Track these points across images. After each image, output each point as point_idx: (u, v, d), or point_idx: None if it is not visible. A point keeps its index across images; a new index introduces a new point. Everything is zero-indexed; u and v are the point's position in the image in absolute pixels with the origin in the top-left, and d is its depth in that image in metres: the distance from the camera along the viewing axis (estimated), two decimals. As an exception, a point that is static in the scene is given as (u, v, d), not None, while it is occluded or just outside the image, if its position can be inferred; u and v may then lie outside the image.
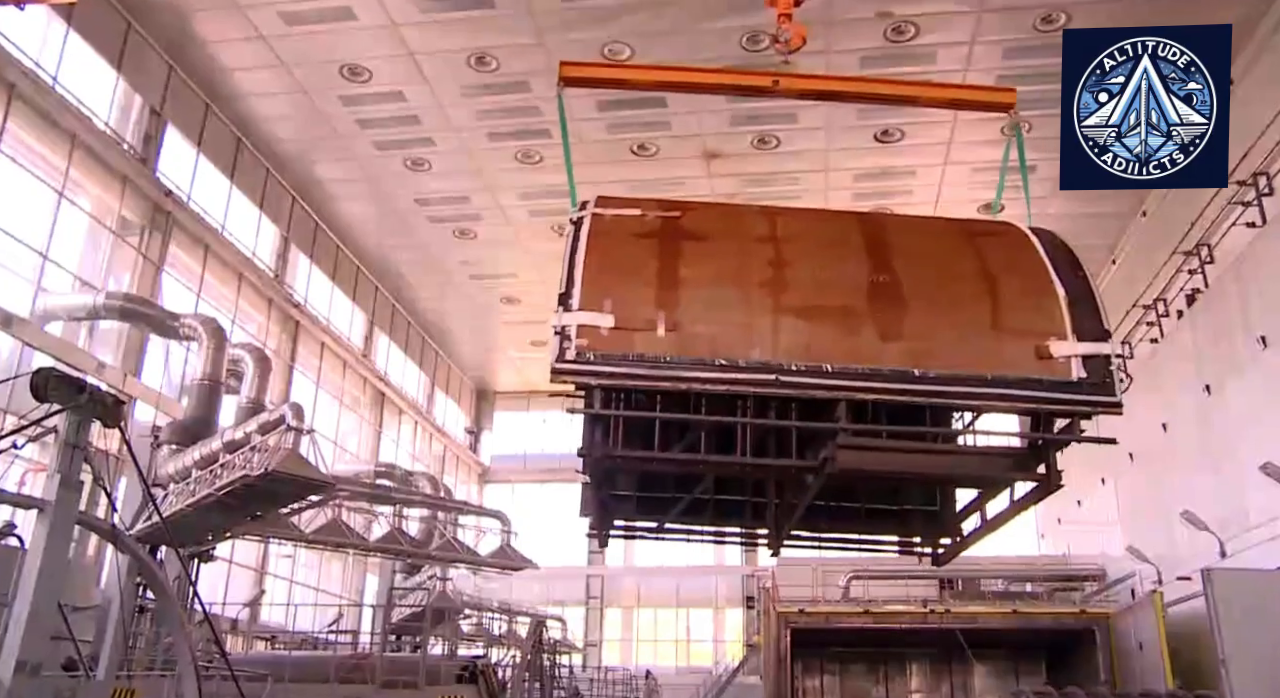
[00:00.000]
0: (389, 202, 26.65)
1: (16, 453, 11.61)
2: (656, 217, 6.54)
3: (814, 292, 6.05)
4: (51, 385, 5.08)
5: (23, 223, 17.86)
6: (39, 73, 17.80)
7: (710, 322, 5.82)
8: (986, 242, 6.64)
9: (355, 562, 29.87)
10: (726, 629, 38.39)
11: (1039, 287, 6.10)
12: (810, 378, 5.67)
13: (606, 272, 5.98)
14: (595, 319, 5.68)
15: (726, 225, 6.76)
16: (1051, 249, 6.44)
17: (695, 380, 5.68)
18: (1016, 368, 5.75)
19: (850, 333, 5.87)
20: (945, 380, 5.69)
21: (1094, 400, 5.78)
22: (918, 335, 5.86)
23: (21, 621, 4.69)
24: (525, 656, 17.20)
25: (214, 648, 12.40)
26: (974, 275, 6.22)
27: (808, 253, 6.34)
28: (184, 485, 16.92)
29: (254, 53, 20.81)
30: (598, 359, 5.64)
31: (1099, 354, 5.80)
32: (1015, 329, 5.91)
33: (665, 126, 22.80)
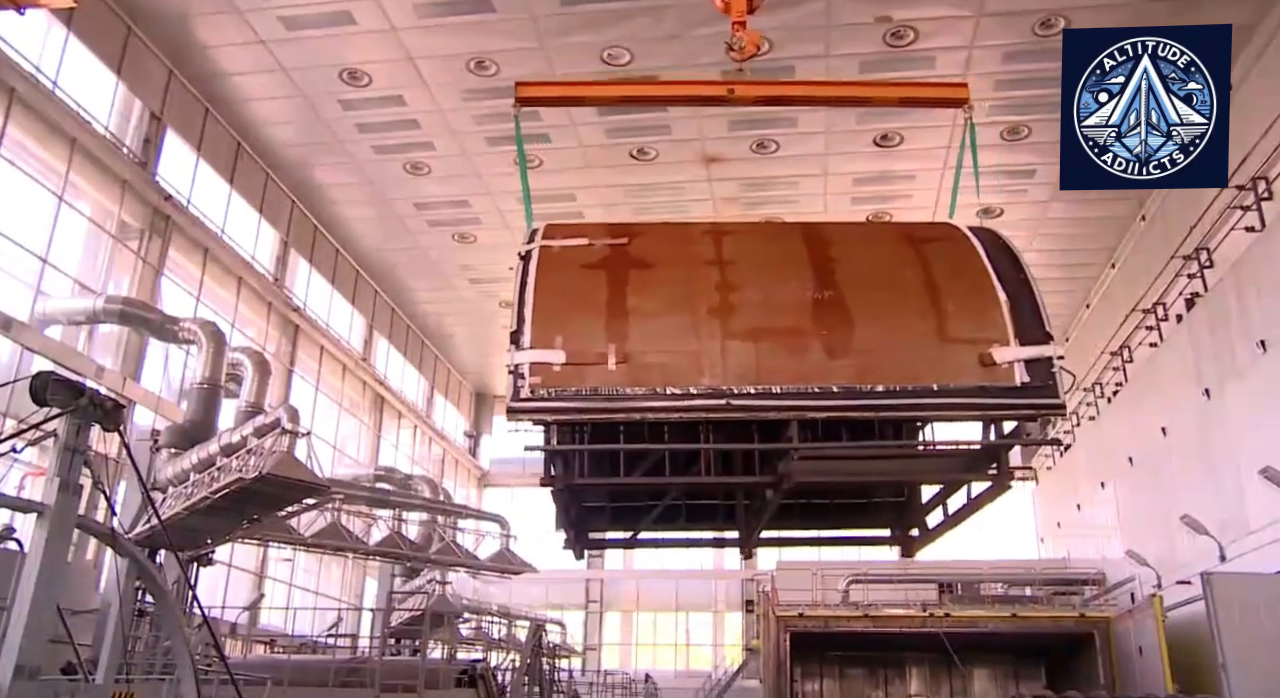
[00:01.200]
0: (388, 205, 26.67)
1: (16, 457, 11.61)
2: (604, 245, 6.60)
3: (760, 314, 6.13)
4: (51, 389, 5.08)
5: (23, 227, 17.86)
6: (39, 77, 17.81)
7: (660, 351, 5.92)
8: (929, 248, 6.68)
9: (354, 565, 29.84)
10: (726, 633, 38.37)
11: (981, 293, 6.17)
12: (760, 401, 5.77)
13: (556, 306, 6.09)
14: (547, 356, 5.80)
15: (673, 250, 6.81)
16: (993, 252, 6.49)
17: (648, 410, 5.82)
18: (961, 377, 5.84)
19: (798, 353, 5.97)
20: (892, 394, 5.79)
21: (1037, 403, 5.84)
22: (864, 351, 5.96)
23: (20, 624, 4.68)
24: (525, 660, 17.18)
25: (213, 652, 12.38)
26: (917, 285, 6.28)
27: (753, 274, 6.41)
28: (181, 489, 16.91)
29: (254, 57, 20.83)
30: (552, 396, 5.75)
31: (1041, 357, 5.87)
32: (958, 338, 5.98)
33: (665, 131, 22.82)
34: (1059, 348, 5.97)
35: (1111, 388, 26.41)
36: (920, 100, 8.72)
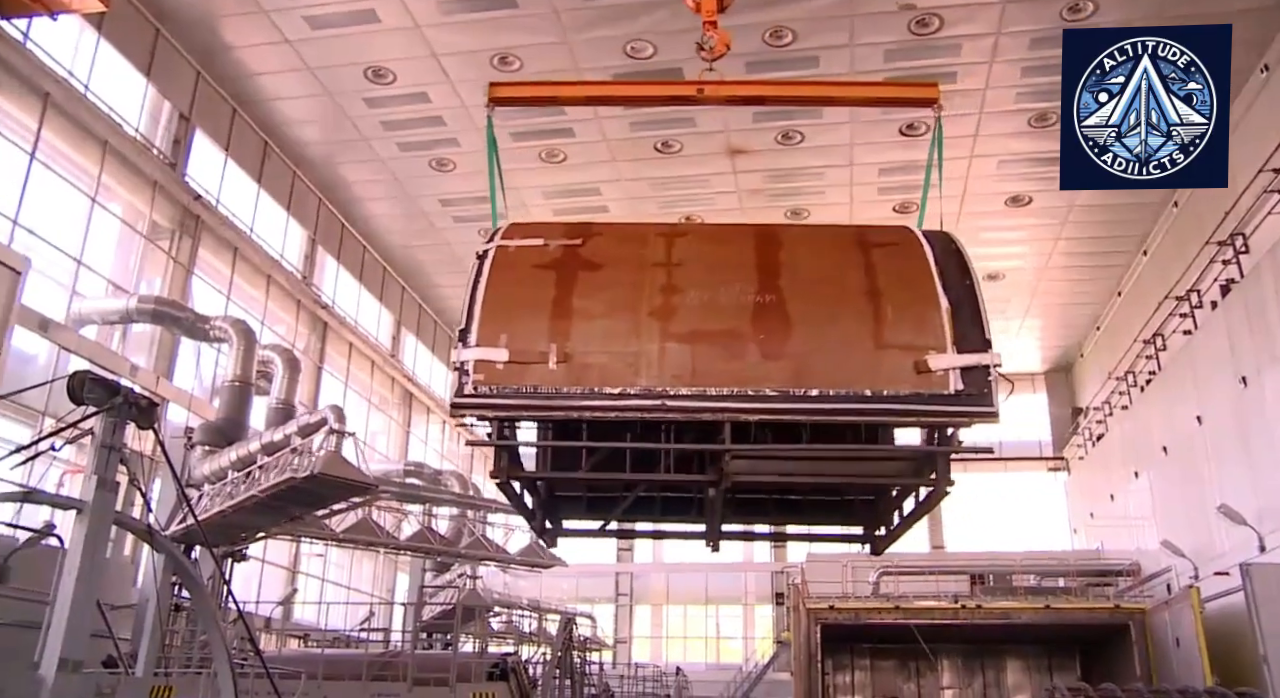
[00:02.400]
0: (414, 202, 26.79)
1: (55, 455, 11.77)
2: (558, 246, 6.72)
3: (700, 316, 6.21)
4: (88, 388, 5.15)
5: (58, 229, 18.11)
6: (71, 81, 18.03)
7: (600, 352, 6.04)
8: (879, 252, 6.72)
9: (386, 560, 30.08)
10: (756, 626, 38.36)
11: (922, 299, 6.19)
12: (695, 402, 5.87)
13: (503, 306, 6.24)
14: (491, 354, 5.96)
15: (624, 251, 6.89)
16: (943, 256, 6.50)
17: (585, 409, 5.96)
18: (895, 383, 5.88)
19: (734, 356, 6.04)
20: (825, 399, 5.85)
21: (971, 411, 5.87)
22: (799, 355, 6.02)
23: (63, 619, 4.76)
24: (556, 653, 17.24)
25: (248, 646, 12.53)
26: (858, 291, 6.34)
27: (698, 277, 6.48)
28: (221, 487, 17.11)
29: (279, 57, 20.98)
30: (493, 393, 5.92)
31: (978, 365, 5.89)
32: (895, 344, 6.02)
33: (690, 124, 22.76)
34: (996, 356, 5.96)
35: (1144, 377, 26.12)
36: (889, 100, 8.71)
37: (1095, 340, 33.56)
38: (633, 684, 29.21)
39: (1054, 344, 36.04)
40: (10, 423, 16.39)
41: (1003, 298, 31.51)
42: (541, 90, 8.93)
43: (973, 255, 6.57)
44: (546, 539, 7.97)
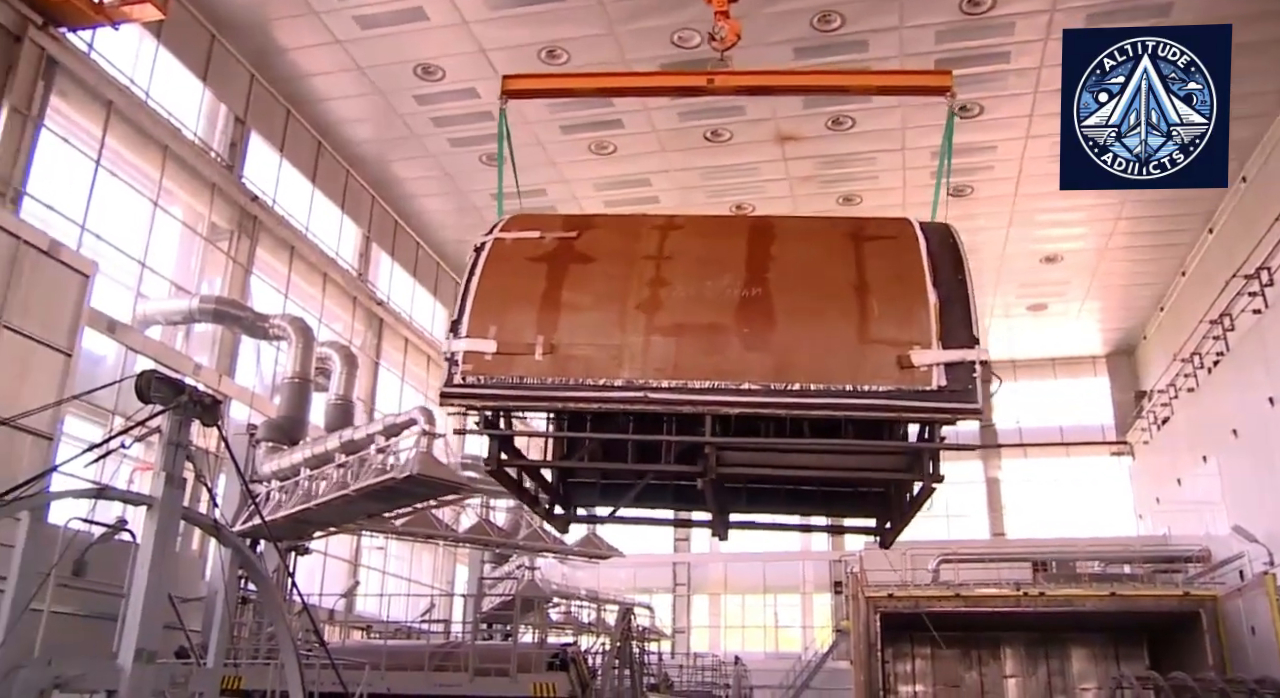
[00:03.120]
0: (466, 197, 27.00)
1: (125, 452, 12.06)
2: (554, 238, 6.77)
3: (686, 310, 6.21)
4: (154, 387, 5.29)
5: (122, 232, 18.57)
6: (133, 89, 18.46)
7: (585, 344, 6.09)
8: (872, 246, 6.65)
9: (445, 553, 30.43)
10: (815, 615, 38.18)
11: (910, 294, 6.12)
12: (676, 395, 5.89)
13: (495, 298, 6.31)
14: (480, 345, 6.05)
15: (617, 244, 6.91)
16: (938, 250, 6.41)
17: (568, 401, 6.02)
18: (877, 378, 5.82)
19: (716, 349, 6.03)
20: (806, 393, 5.81)
21: (954, 407, 5.81)
22: (781, 349, 5.98)
23: (138, 610, 4.90)
24: (615, 643, 17.31)
25: (313, 637, 12.77)
26: (846, 285, 6.28)
27: (686, 270, 6.48)
28: (296, 483, 17.40)
29: (330, 57, 21.26)
30: (481, 383, 6.00)
31: (963, 361, 5.82)
32: (879, 339, 5.96)
33: (739, 112, 22.62)
34: (983, 352, 5.90)
35: (1211, 358, 25.46)
36: (901, 88, 8.61)
37: (1159, 322, 32.80)
38: (692, 674, 29.27)
39: (1115, 326, 35.29)
40: (82, 422, 16.86)
41: (1061, 280, 30.92)
42: (552, 82, 9.11)
43: (1030, 238, 6.46)
44: (557, 525, 8.08)
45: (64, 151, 17.23)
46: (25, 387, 13.51)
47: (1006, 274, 30.23)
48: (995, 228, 26.97)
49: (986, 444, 37.76)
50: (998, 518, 36.80)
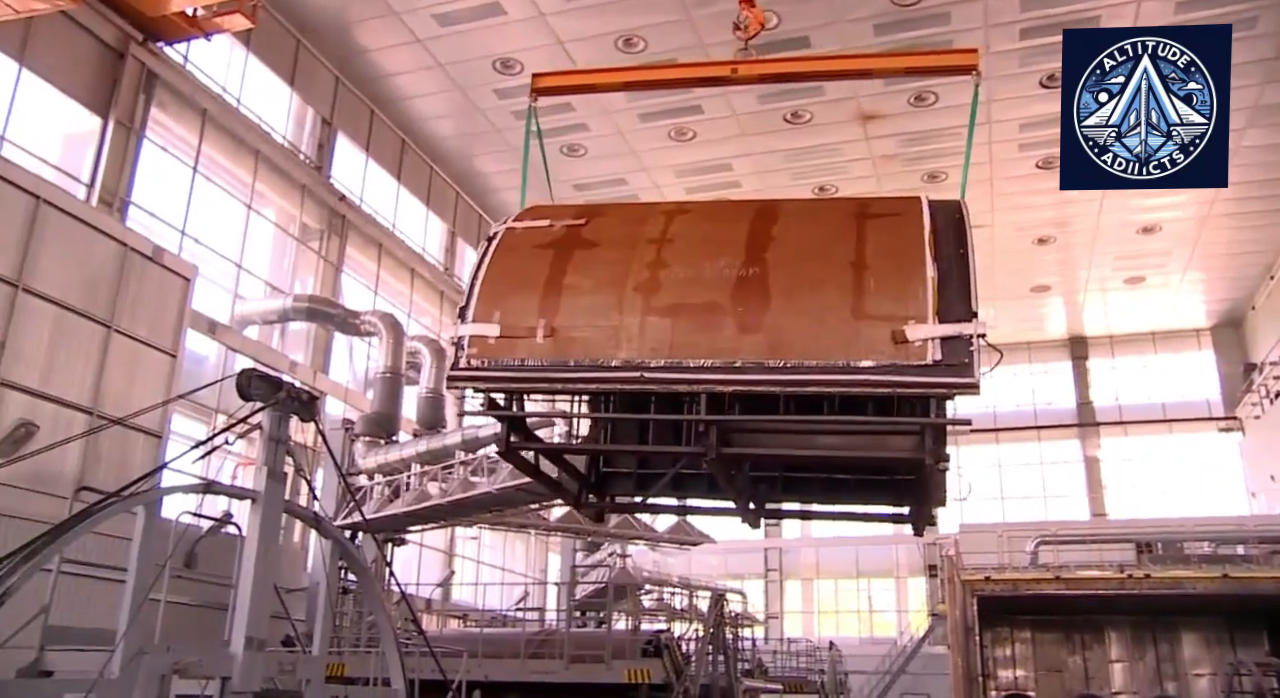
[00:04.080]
0: (547, 189, 27.20)
1: (229, 449, 12.46)
2: (562, 226, 6.87)
3: (683, 290, 6.22)
4: (254, 385, 5.46)
5: (220, 236, 19.22)
6: (225, 97, 19.07)
7: (585, 326, 6.15)
8: (875, 223, 6.59)
9: (537, 542, 30.84)
10: (909, 599, 37.67)
11: (907, 269, 6.03)
12: (671, 374, 5.91)
13: (500, 284, 6.44)
14: (484, 329, 6.18)
15: (622, 230, 6.94)
16: (943, 225, 6.30)
17: (566, 381, 6.13)
18: (871, 354, 5.74)
19: (711, 328, 6.02)
20: (800, 370, 5.77)
21: (949, 382, 5.68)
22: (775, 327, 5.95)
23: (246, 601, 5.08)
24: (708, 629, 17.33)
25: (412, 626, 13.07)
26: (843, 262, 6.21)
27: (687, 253, 6.49)
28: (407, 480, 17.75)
29: (412, 56, 21.62)
30: (484, 366, 6.11)
31: (959, 335, 5.70)
32: (874, 315, 5.88)
33: (819, 92, 22.32)
34: (981, 325, 5.73)
35: (1325, 328, 24.29)
36: (928, 69, 8.41)
37: (1268, 291, 31.39)
38: (786, 659, 29.14)
39: (1220, 298, 33.89)
40: (188, 420, 17.52)
41: (1161, 251, 29.81)
42: (581, 78, 9.19)
43: (1125, 208, 6.34)
44: (587, 513, 8.17)
45: (164, 160, 17.89)
46: (134, 388, 14.09)
47: (1101, 247, 29.28)
48: (1088, 200, 26.10)
49: (1084, 422, 36.71)
50: (1098, 498, 35.75)
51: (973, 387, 5.68)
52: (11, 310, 12.47)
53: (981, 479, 37.61)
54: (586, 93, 9.50)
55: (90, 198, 15.82)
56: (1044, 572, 22.24)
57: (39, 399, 12.75)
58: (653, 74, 9.22)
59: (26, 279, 12.71)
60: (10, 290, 12.51)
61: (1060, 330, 37.13)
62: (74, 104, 16.06)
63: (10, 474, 11.32)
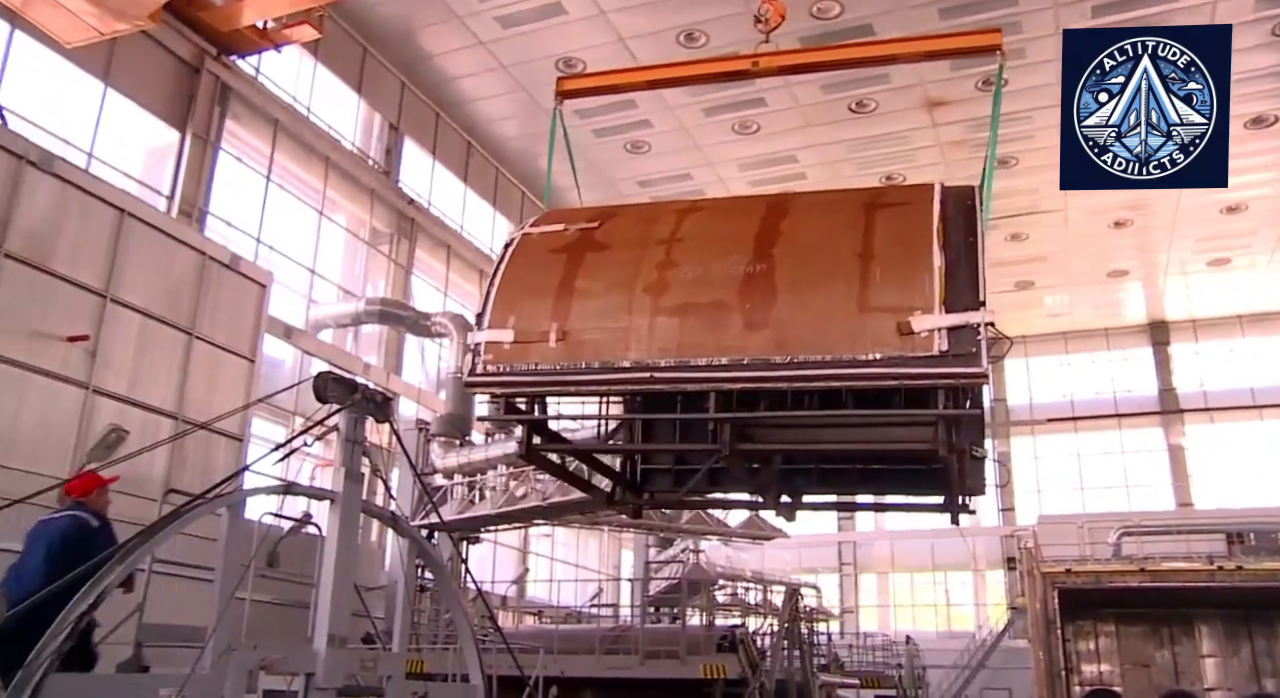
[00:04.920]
0: (613, 186, 27.29)
1: (307, 451, 12.73)
2: (576, 230, 6.91)
3: (691, 290, 6.23)
4: (330, 388, 5.57)
5: (293, 242, 19.67)
6: (296, 106, 19.51)
7: (595, 329, 6.20)
8: (884, 213, 6.53)
9: (610, 538, 30.98)
10: (987, 592, 37.02)
11: (913, 259, 5.95)
12: (679, 373, 5.95)
13: (515, 290, 6.53)
14: (498, 335, 6.26)
15: (634, 231, 6.97)
16: (953, 213, 6.23)
17: (577, 383, 6.19)
18: (877, 346, 5.68)
19: (718, 326, 6.03)
20: (806, 365, 5.74)
21: (956, 373, 5.60)
22: (781, 322, 5.93)
23: (327, 599, 5.20)
24: (783, 624, 17.24)
25: (488, 622, 13.23)
26: (850, 254, 6.15)
27: (695, 252, 6.50)
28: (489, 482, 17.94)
29: (475, 59, 21.86)
30: (500, 372, 6.20)
31: (966, 324, 5.60)
32: (879, 307, 5.81)
33: (884, 80, 22.02)
34: (989, 314, 5.64)
35: None
36: (950, 52, 8.24)
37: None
38: (862, 654, 28.85)
39: (1312, 278, 32.67)
40: (266, 423, 17.97)
41: (1247, 231, 28.81)
42: (603, 79, 9.28)
43: (1208, 188, 6.20)
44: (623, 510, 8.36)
45: (238, 170, 18.37)
46: (216, 392, 14.50)
47: (1182, 229, 28.41)
48: (1167, 181, 25.37)
49: (1167, 409, 35.67)
50: (1183, 487, 34.70)
51: (980, 377, 5.60)
52: (101, 320, 12.92)
53: (1060, 470, 36.81)
54: (612, 93, 9.65)
55: (171, 209, 16.31)
56: (1128, 564, 21.67)
57: (127, 405, 13.20)
58: (676, 72, 9.36)
59: (114, 289, 13.15)
60: (100, 301, 12.96)
61: (1139, 316, 36.11)
62: (154, 119, 16.58)
63: (102, 478, 11.74)
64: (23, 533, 9.86)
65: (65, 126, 15.01)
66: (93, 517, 6.49)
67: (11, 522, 10.34)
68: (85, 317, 12.73)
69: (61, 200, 12.60)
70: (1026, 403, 37.88)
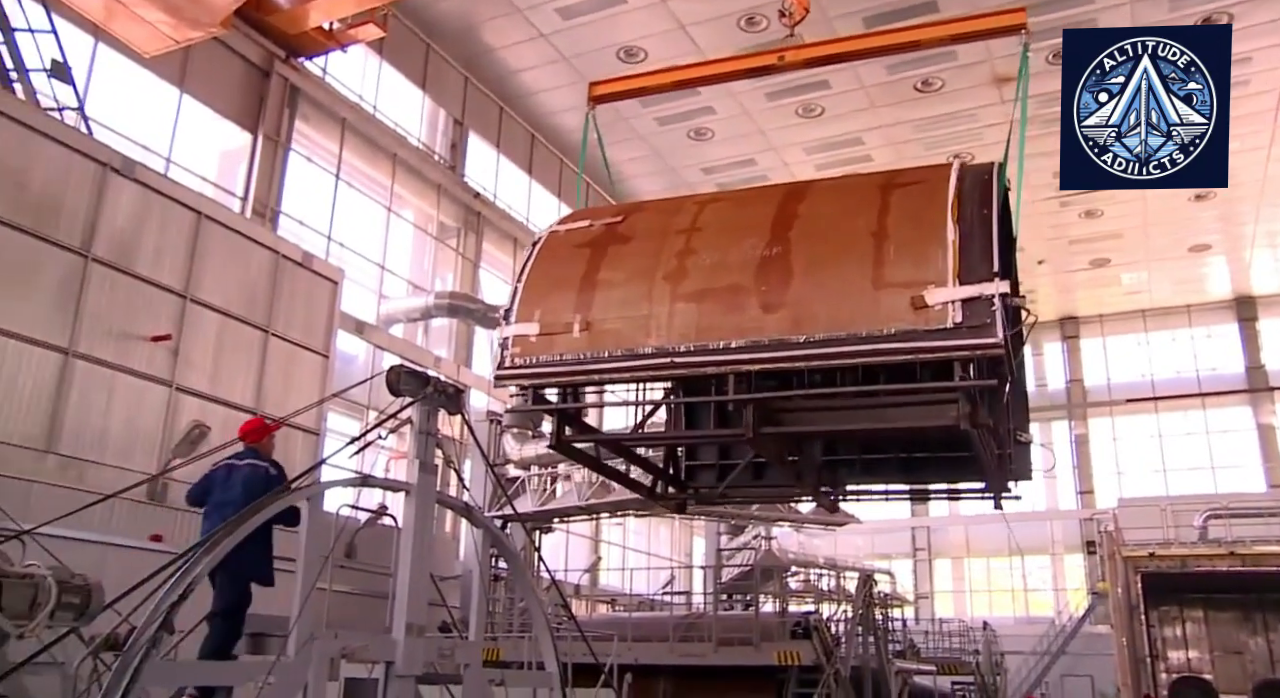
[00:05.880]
0: (677, 174, 27.25)
1: (381, 443, 12.98)
2: (601, 225, 7.08)
3: (709, 276, 6.32)
4: (403, 381, 5.67)
5: (362, 239, 20.02)
6: (362, 105, 19.83)
7: (617, 318, 6.34)
8: (900, 193, 6.52)
9: (682, 526, 31.05)
10: (1066, 577, 36.27)
11: (927, 234, 5.94)
12: (699, 357, 6.04)
13: (541, 285, 6.76)
14: (525, 329, 6.48)
15: (655, 223, 7.08)
16: (969, 188, 6.17)
17: (601, 372, 6.31)
18: (893, 321, 5.70)
19: (735, 309, 6.10)
20: (821, 343, 5.78)
21: (971, 344, 5.55)
22: (797, 303, 5.98)
23: (404, 589, 5.31)
24: (857, 610, 17.11)
25: (562, 611, 13.36)
26: (865, 233, 6.17)
27: (713, 239, 6.59)
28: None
29: (537, 51, 21.97)
30: (527, 364, 6.40)
31: (980, 296, 5.55)
32: (894, 282, 5.83)
33: (950, 58, 21.60)
34: (1003, 284, 5.55)
35: None
36: (974, 34, 8.16)
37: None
38: (938, 640, 28.51)
39: (1407, 248, 31.29)
40: (341, 417, 18.35)
41: (1336, 203, 27.72)
42: (633, 82, 9.51)
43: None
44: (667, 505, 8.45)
45: (308, 170, 18.74)
46: (291, 388, 14.85)
47: (1270, 199, 27.40)
48: (1253, 150, 24.45)
49: (1255, 387, 34.50)
50: (1275, 468, 33.54)
51: (996, 348, 5.54)
52: (182, 320, 13.32)
53: (1141, 451, 35.85)
54: (642, 96, 9.82)
55: (245, 210, 16.72)
56: (1216, 547, 21.02)
57: (209, 402, 13.59)
58: (703, 71, 9.60)
59: (193, 290, 13.55)
60: (180, 301, 13.35)
61: (1224, 291, 34.93)
62: (226, 122, 17.00)
63: (188, 473, 12.11)
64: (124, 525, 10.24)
65: (144, 133, 15.47)
66: (271, 465, 7.13)
67: (106, 516, 10.74)
68: (167, 317, 13.14)
69: (143, 205, 13.00)
70: (1104, 383, 36.96)
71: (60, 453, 11.57)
